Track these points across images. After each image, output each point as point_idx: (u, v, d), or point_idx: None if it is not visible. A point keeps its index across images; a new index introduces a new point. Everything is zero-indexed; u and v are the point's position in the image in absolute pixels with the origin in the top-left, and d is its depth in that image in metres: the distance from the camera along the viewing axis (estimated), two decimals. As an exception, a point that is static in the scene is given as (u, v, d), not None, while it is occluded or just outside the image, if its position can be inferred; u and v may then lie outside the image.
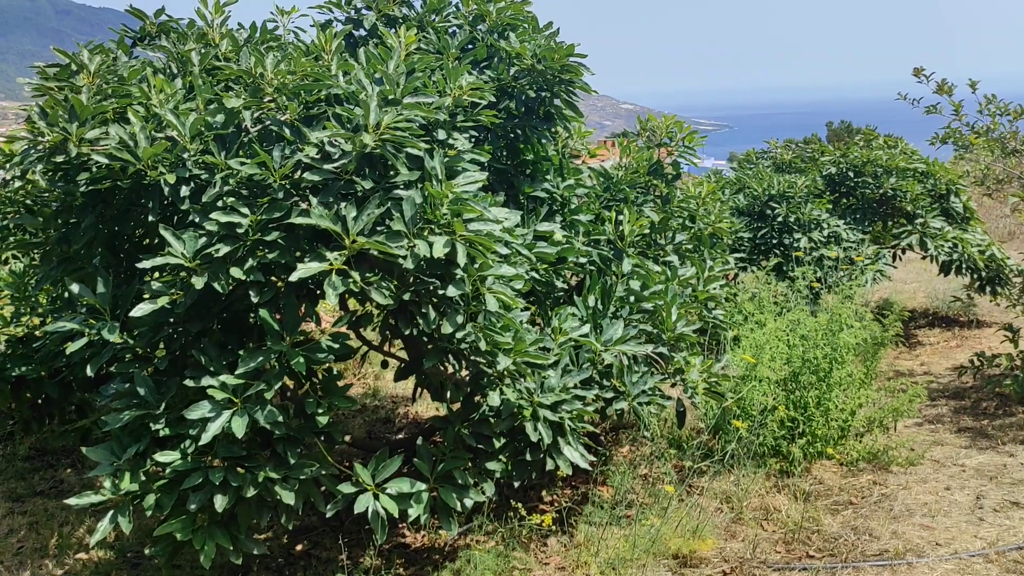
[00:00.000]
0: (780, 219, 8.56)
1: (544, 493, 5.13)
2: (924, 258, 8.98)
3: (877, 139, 9.58)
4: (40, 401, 5.61)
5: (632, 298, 4.84)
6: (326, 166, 3.60)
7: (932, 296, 10.28)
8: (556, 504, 4.95)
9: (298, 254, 3.61)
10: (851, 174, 9.06)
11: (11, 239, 5.21)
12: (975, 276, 8.61)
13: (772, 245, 8.59)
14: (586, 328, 4.46)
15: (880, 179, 8.88)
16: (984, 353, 6.99)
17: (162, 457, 3.57)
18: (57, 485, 5.73)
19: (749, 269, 8.55)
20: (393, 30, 4.57)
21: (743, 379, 5.25)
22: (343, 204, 3.57)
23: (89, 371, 3.72)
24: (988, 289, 8.59)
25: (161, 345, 3.92)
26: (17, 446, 6.16)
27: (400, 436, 6.70)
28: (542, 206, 4.98)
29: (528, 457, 4.09)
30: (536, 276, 4.61)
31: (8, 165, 5.11)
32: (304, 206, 3.60)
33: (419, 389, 4.78)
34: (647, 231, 5.33)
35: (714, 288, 5.23)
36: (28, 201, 5.19)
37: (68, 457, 6.16)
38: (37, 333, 5.30)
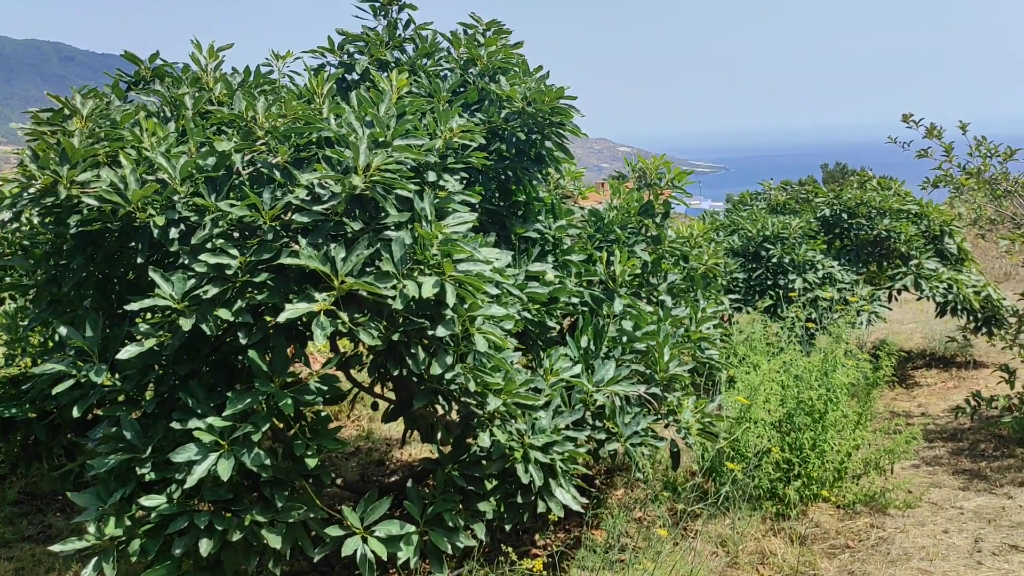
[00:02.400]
0: (775, 260, 8.58)
1: (537, 537, 5.06)
2: (919, 299, 8.98)
3: (871, 180, 9.65)
4: (29, 443, 5.57)
5: (624, 338, 4.83)
6: (316, 207, 3.61)
7: (929, 337, 10.26)
8: (548, 548, 4.88)
9: (288, 295, 3.61)
10: (845, 215, 9.11)
11: (7, 280, 5.22)
12: (971, 317, 8.61)
13: (767, 286, 8.60)
14: (578, 368, 4.44)
15: (874, 220, 8.93)
16: (980, 394, 6.94)
17: (147, 501, 3.53)
18: (45, 530, 5.65)
19: (744, 310, 8.54)
20: (385, 74, 4.62)
21: (738, 420, 5.22)
22: (332, 245, 3.58)
23: (76, 413, 3.69)
24: (984, 330, 8.58)
25: (150, 387, 3.90)
26: (6, 490, 6.10)
27: (393, 479, 6.65)
28: (534, 246, 4.99)
29: (519, 499, 4.04)
30: (528, 316, 4.60)
31: (1, 207, 5.14)
32: (294, 247, 3.60)
33: (409, 431, 4.74)
34: (639, 271, 5.34)
35: (707, 328, 5.22)
36: (26, 242, 5.22)
37: (57, 501, 6.09)
38: (28, 374, 5.29)
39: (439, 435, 4.22)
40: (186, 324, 3.45)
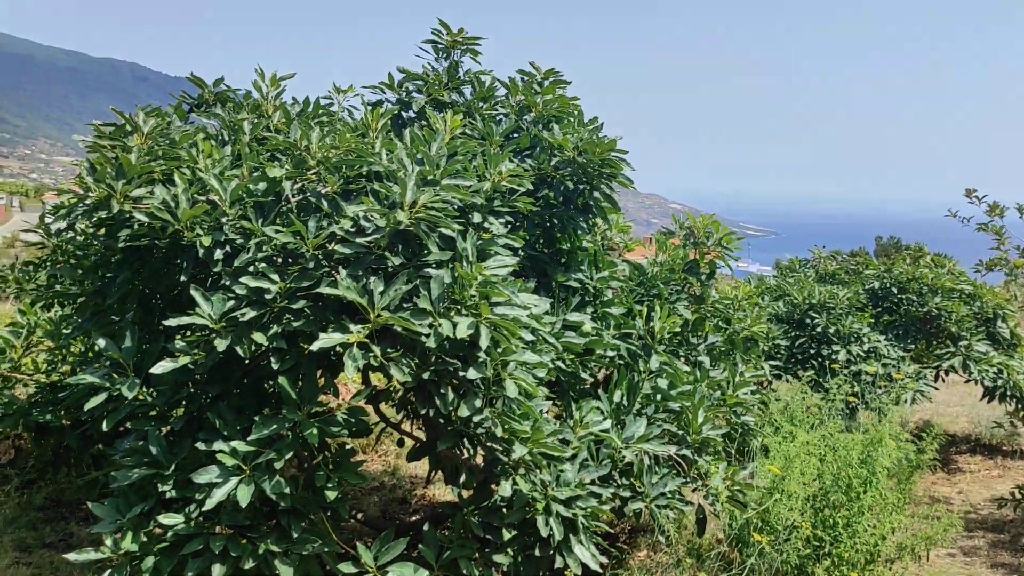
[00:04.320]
0: (819, 329, 8.42)
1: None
2: (967, 382, 8.72)
3: (925, 257, 9.46)
4: (61, 449, 5.64)
5: (659, 396, 4.74)
6: (359, 239, 3.63)
7: (975, 421, 9.94)
8: (564, 606, 4.75)
9: (322, 324, 3.61)
10: (895, 290, 8.93)
11: (56, 287, 5.33)
12: (1020, 404, 8.33)
13: (809, 355, 8.43)
14: (607, 423, 4.36)
15: (925, 297, 8.73)
16: (1026, 485, 6.68)
17: (166, 519, 3.52)
18: (66, 538, 5.67)
19: (784, 378, 8.38)
20: (440, 114, 4.67)
21: (769, 491, 5.06)
22: (372, 278, 3.59)
23: (105, 426, 3.71)
24: (1033, 417, 8.30)
25: (180, 405, 3.91)
26: (33, 495, 6.15)
27: (414, 518, 6.57)
28: (574, 296, 4.96)
29: (537, 553, 3.95)
30: (562, 366, 4.55)
31: (57, 216, 5.27)
32: (334, 277, 3.62)
33: (435, 471, 4.69)
34: (679, 329, 5.26)
35: (744, 393, 5.10)
36: (77, 252, 5.34)
37: (81, 510, 6.12)
38: (66, 382, 5.36)
39: (463, 478, 4.15)
40: (221, 345, 3.47)
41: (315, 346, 3.37)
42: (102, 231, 4.09)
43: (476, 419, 3.67)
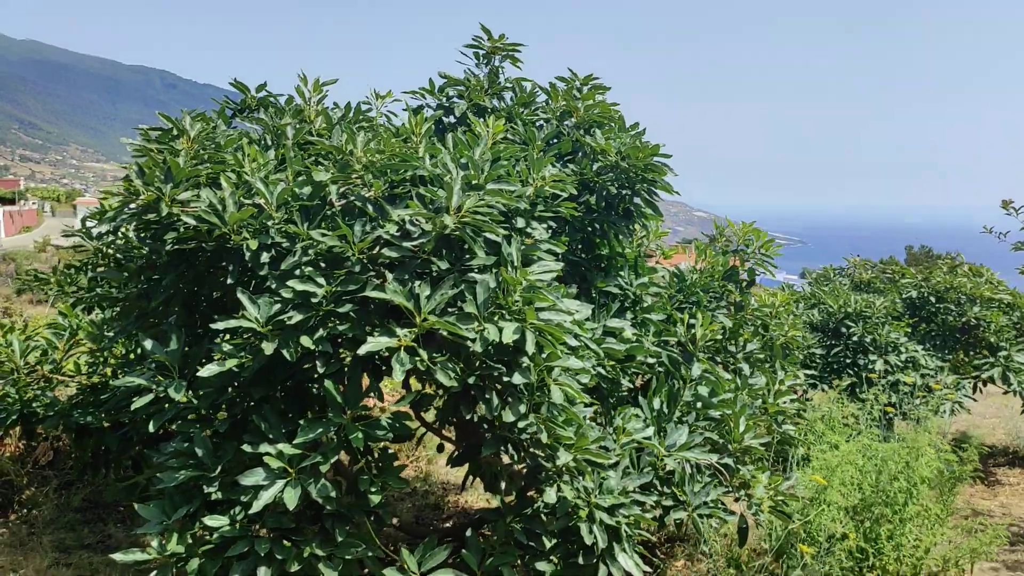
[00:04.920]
0: (855, 338, 8.32)
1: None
2: (1006, 393, 8.58)
3: (962, 266, 9.32)
4: (100, 451, 5.67)
5: (699, 404, 4.70)
6: (405, 244, 3.63)
7: (1013, 434, 9.77)
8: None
9: (367, 328, 3.61)
10: (933, 299, 8.81)
11: (97, 290, 5.37)
12: (1061, 416, 8.19)
13: (845, 364, 8.33)
14: (650, 431, 4.32)
15: (963, 307, 8.60)
16: (1071, 499, 6.55)
17: (211, 521, 3.53)
18: (105, 540, 5.71)
19: (819, 387, 8.28)
20: (482, 119, 4.66)
21: (812, 501, 4.99)
22: (417, 283, 3.58)
23: (151, 427, 3.74)
24: (1074, 431, 8.15)
25: (223, 408, 3.93)
26: (72, 496, 6.21)
27: (448, 524, 6.55)
28: (613, 302, 4.93)
29: (580, 560, 3.92)
30: (602, 372, 4.52)
31: (101, 219, 5.32)
32: (379, 282, 3.62)
33: (471, 478, 4.67)
34: (720, 336, 5.22)
35: (785, 402, 5.04)
36: (119, 256, 5.38)
37: (119, 512, 6.17)
38: (108, 384, 5.40)
39: (504, 485, 4.13)
40: (269, 348, 3.48)
41: (363, 349, 3.37)
42: (146, 234, 4.13)
43: (521, 424, 3.65)
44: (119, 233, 5.19)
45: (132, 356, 5.14)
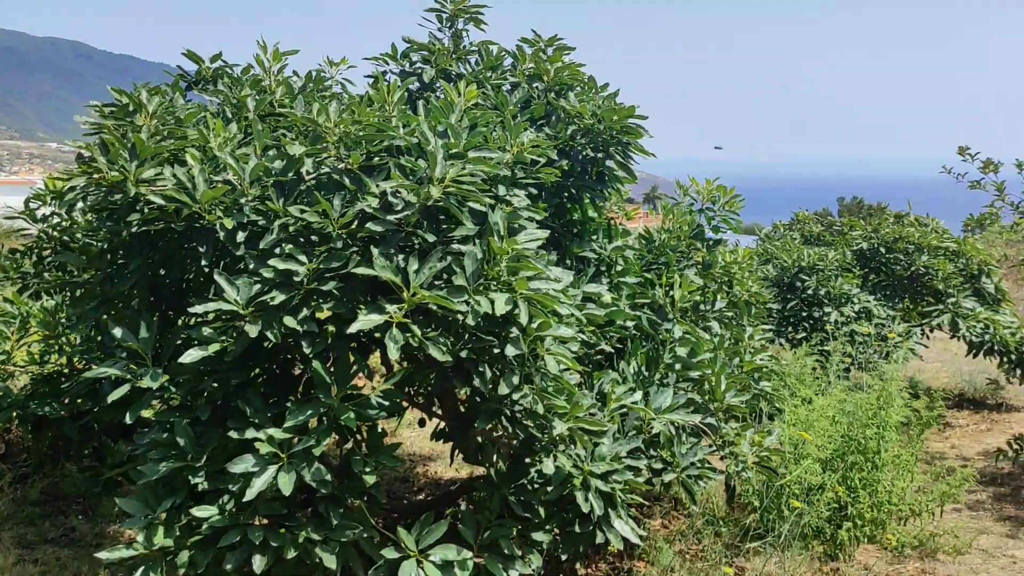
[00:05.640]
0: (810, 292, 8.47)
1: (578, 566, 4.92)
2: (953, 338, 8.86)
3: (908, 216, 9.55)
4: (59, 442, 5.45)
5: (679, 365, 4.70)
6: (389, 217, 3.50)
7: (956, 377, 10.13)
8: (594, 578, 4.74)
9: (352, 305, 3.50)
10: (883, 250, 9.01)
11: (46, 275, 5.11)
12: (1005, 358, 8.49)
13: (801, 317, 8.49)
14: (638, 395, 4.31)
15: (912, 256, 8.82)
16: (1022, 437, 6.81)
17: (200, 512, 3.40)
18: (68, 533, 5.51)
19: (777, 341, 8.43)
20: (452, 84, 4.53)
21: (791, 456, 5.08)
22: (402, 256, 3.48)
23: (128, 419, 3.56)
24: (1019, 372, 8.47)
25: (202, 395, 3.78)
26: (28, 489, 5.97)
27: (421, 496, 6.51)
28: (589, 267, 4.88)
29: (577, 529, 3.91)
30: (583, 338, 4.48)
31: (52, 201, 5.05)
32: (360, 258, 3.49)
33: (456, 452, 4.61)
34: (698, 297, 5.22)
35: (761, 359, 5.09)
36: (64, 238, 5.11)
37: (79, 503, 5.95)
38: (79, 373, 5.14)
39: (494, 457, 4.08)
40: (253, 331, 3.34)
41: (354, 327, 3.26)
42: (107, 215, 3.91)
43: (516, 396, 3.59)
44: (70, 215, 4.94)
45: (91, 344, 4.91)
